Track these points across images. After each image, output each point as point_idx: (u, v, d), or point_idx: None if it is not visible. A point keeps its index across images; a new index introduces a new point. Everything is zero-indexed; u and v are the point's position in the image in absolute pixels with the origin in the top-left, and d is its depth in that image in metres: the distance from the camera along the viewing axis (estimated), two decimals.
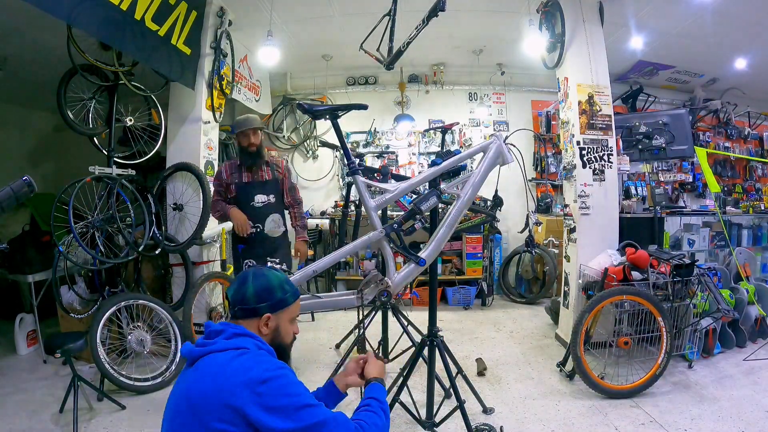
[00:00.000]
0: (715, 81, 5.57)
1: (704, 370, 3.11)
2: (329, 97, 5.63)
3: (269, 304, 1.26)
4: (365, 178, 2.05)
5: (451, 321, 4.42)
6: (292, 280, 1.96)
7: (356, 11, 4.03)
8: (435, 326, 2.24)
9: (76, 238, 2.82)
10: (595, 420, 2.51)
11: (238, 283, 1.29)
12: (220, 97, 3.83)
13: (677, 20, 4.11)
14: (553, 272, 4.82)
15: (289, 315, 1.33)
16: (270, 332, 1.27)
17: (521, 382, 3.01)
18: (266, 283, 1.28)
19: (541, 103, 5.73)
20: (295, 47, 4.76)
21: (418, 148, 5.71)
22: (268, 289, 1.27)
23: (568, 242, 3.67)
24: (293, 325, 1.35)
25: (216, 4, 3.67)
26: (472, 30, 4.61)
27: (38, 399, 2.79)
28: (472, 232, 4.96)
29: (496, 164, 2.03)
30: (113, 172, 3.20)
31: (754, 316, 3.58)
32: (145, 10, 2.88)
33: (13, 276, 3.59)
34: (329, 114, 2.03)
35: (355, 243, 2.07)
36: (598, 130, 3.53)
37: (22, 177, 1.85)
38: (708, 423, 2.43)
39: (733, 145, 5.99)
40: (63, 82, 3.05)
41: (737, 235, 4.49)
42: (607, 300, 2.86)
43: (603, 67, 3.59)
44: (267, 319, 1.26)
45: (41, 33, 3.38)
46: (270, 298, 1.27)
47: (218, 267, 3.80)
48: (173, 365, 3.05)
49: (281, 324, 1.30)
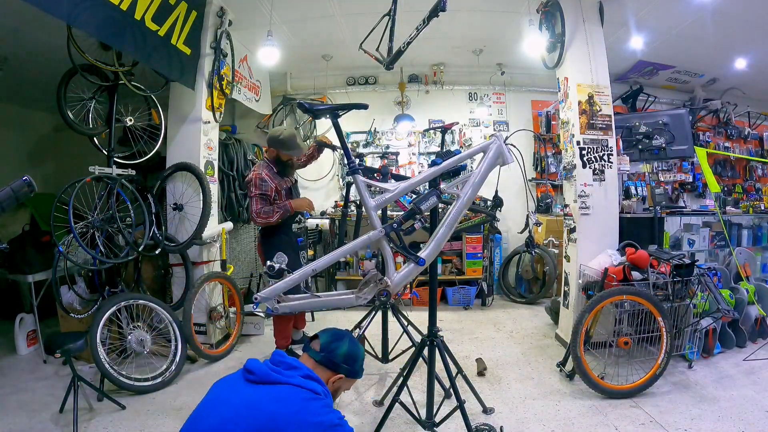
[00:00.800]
0: (715, 81, 5.56)
1: (704, 370, 3.11)
2: (329, 97, 5.63)
3: (349, 369, 1.47)
4: (365, 177, 2.05)
5: (451, 321, 4.42)
6: (291, 279, 1.96)
7: (356, 11, 4.03)
8: (435, 326, 2.24)
9: (76, 238, 2.82)
10: (595, 420, 2.51)
11: (336, 337, 1.49)
12: (220, 97, 3.83)
13: (677, 20, 4.10)
14: (553, 272, 4.82)
15: (350, 384, 1.55)
16: (332, 389, 1.46)
17: (521, 382, 3.01)
18: (356, 352, 1.50)
19: (541, 103, 5.73)
20: (295, 47, 4.76)
21: (418, 148, 5.71)
22: (355, 357, 1.49)
23: (568, 242, 3.67)
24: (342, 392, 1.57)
25: (216, 4, 3.67)
26: (472, 30, 4.61)
27: (38, 399, 2.79)
28: (472, 232, 4.96)
29: (496, 164, 2.03)
30: (113, 172, 3.20)
31: (754, 316, 3.58)
32: (145, 10, 2.88)
33: (13, 276, 3.58)
34: (330, 113, 2.03)
35: (354, 242, 2.07)
36: (598, 130, 3.53)
37: (22, 177, 1.85)
38: (708, 423, 2.43)
39: (733, 145, 5.99)
40: (63, 82, 3.05)
41: (737, 235, 4.49)
42: (607, 300, 2.86)
43: (603, 67, 3.59)
44: (339, 378, 1.46)
45: (41, 33, 3.38)
46: (352, 365, 1.48)
47: (218, 267, 3.80)
48: (173, 365, 3.05)
49: (342, 387, 1.51)
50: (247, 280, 4.70)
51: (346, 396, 2.83)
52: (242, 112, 5.41)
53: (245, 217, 4.57)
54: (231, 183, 4.46)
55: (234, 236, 4.33)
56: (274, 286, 1.90)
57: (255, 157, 4.89)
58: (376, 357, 3.22)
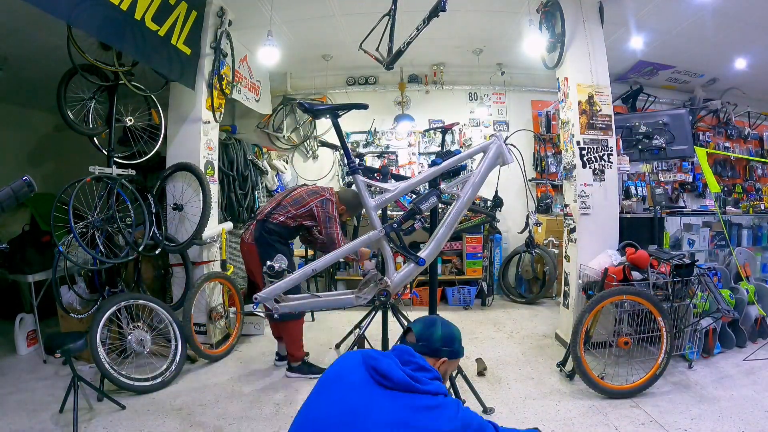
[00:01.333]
0: (715, 81, 5.56)
1: (704, 370, 3.11)
2: (329, 97, 5.63)
3: (450, 350, 1.45)
4: (365, 177, 2.05)
5: (451, 321, 4.41)
6: (290, 279, 1.96)
7: (356, 11, 4.03)
8: None
9: (76, 238, 2.82)
10: (595, 420, 2.51)
11: (427, 324, 1.48)
12: (220, 97, 3.82)
13: (677, 20, 4.10)
14: (553, 272, 4.82)
15: (455, 366, 1.53)
16: (440, 374, 1.39)
17: (521, 382, 3.01)
18: (452, 332, 1.49)
19: (541, 103, 5.73)
20: (295, 47, 4.76)
21: (418, 148, 5.71)
22: (452, 338, 1.48)
23: (568, 242, 3.67)
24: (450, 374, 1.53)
25: (216, 4, 3.67)
26: (472, 30, 4.60)
27: (38, 399, 2.78)
28: (472, 232, 4.96)
29: (496, 164, 2.03)
30: (113, 172, 3.19)
31: (754, 316, 3.58)
32: (145, 10, 2.88)
33: (13, 276, 3.58)
34: (330, 113, 2.03)
35: (354, 242, 2.07)
36: (598, 130, 3.53)
37: (22, 177, 1.85)
38: (708, 423, 2.43)
39: (733, 145, 6.00)
40: (63, 82, 3.05)
41: (737, 235, 4.48)
42: (607, 300, 2.86)
43: (603, 67, 3.59)
44: (442, 362, 1.43)
45: (41, 33, 3.38)
46: (452, 345, 1.46)
47: (218, 267, 3.80)
48: (173, 365, 3.05)
49: (449, 370, 1.48)
50: (247, 280, 4.70)
51: None
52: (242, 112, 5.41)
53: (245, 217, 4.57)
54: (231, 183, 4.46)
55: (234, 236, 4.32)
56: (274, 286, 1.90)
57: (255, 157, 4.89)
58: None
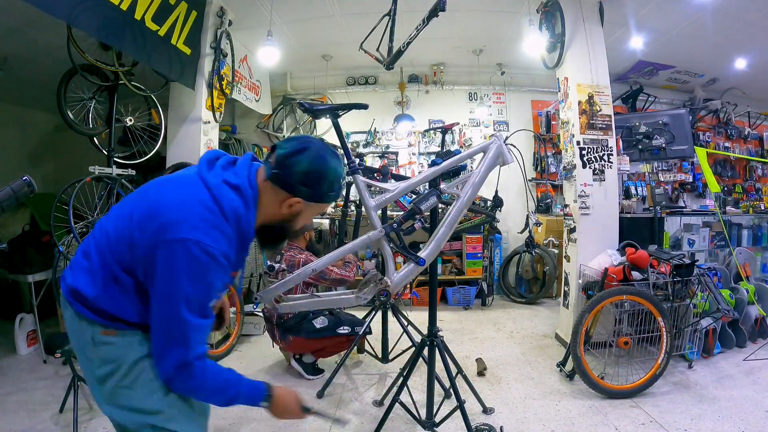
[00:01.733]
0: (715, 81, 5.57)
1: (704, 370, 3.11)
2: (329, 97, 5.63)
3: (310, 192, 1.12)
4: (365, 177, 2.05)
5: (451, 321, 4.42)
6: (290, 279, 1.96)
7: (356, 11, 4.03)
8: (435, 326, 2.24)
9: (76, 238, 2.82)
10: (595, 420, 2.51)
11: (296, 148, 1.12)
12: (220, 97, 3.83)
13: (677, 20, 4.11)
14: (553, 272, 4.82)
15: (318, 210, 1.21)
16: (288, 215, 1.15)
17: (521, 382, 3.01)
18: (321, 169, 1.12)
19: (541, 103, 5.73)
20: (295, 47, 4.76)
21: (418, 148, 5.71)
22: (318, 177, 1.12)
23: (568, 242, 3.67)
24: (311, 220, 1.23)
25: (216, 4, 3.67)
26: (472, 30, 4.61)
27: (38, 399, 2.78)
28: (472, 232, 4.96)
29: (496, 164, 2.03)
30: (113, 172, 3.19)
31: (754, 316, 3.58)
32: (145, 10, 2.89)
33: (13, 276, 3.58)
34: (330, 113, 2.03)
35: (354, 242, 2.07)
36: (598, 130, 3.53)
37: (22, 177, 1.85)
38: (708, 423, 2.43)
39: (733, 145, 5.99)
40: (63, 82, 3.05)
41: (737, 235, 4.49)
42: (607, 300, 2.85)
43: (603, 67, 3.59)
44: (296, 203, 1.13)
45: (41, 33, 3.38)
46: (315, 187, 1.12)
47: None
48: None
49: (304, 214, 1.17)
50: (247, 280, 4.70)
51: (345, 395, 2.83)
52: (242, 112, 5.42)
53: None
54: None
55: None
56: (275, 285, 1.90)
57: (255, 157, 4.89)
58: (376, 357, 3.23)
